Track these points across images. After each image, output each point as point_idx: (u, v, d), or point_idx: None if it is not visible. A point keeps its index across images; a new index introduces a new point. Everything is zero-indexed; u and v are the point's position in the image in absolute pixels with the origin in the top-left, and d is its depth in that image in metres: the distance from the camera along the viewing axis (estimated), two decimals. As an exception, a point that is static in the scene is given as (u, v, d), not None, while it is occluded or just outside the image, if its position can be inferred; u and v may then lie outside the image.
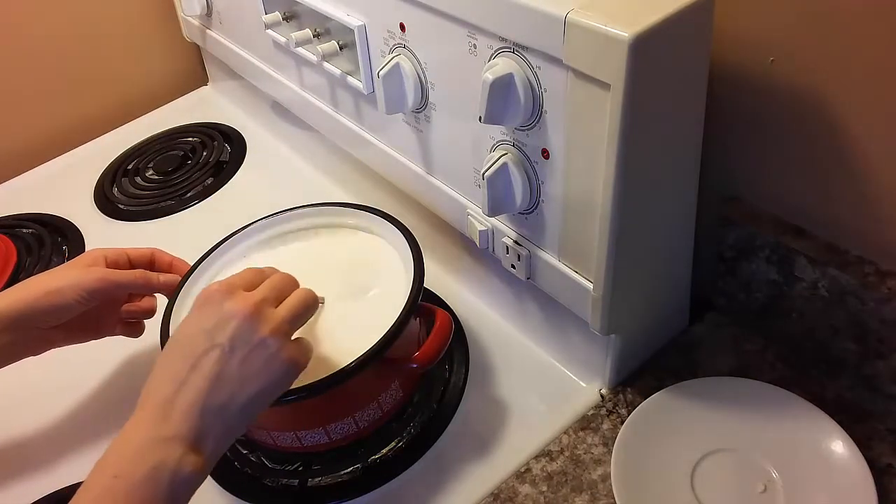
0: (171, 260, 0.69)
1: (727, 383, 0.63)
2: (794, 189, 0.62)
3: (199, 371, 0.48)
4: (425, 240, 0.67)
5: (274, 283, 0.54)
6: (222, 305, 0.50)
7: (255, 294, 0.52)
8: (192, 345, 0.49)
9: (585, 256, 0.57)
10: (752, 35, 0.58)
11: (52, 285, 0.62)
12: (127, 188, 1.02)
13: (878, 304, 0.57)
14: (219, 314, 0.50)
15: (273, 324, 0.50)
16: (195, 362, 0.48)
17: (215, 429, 0.48)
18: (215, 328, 0.49)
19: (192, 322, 0.51)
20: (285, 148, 1.03)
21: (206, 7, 0.99)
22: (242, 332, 0.49)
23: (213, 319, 0.50)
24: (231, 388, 0.49)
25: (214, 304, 0.51)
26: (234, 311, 0.50)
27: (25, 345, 0.63)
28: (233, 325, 0.49)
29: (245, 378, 0.49)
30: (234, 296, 0.51)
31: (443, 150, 0.67)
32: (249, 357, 0.49)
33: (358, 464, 0.63)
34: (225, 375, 0.48)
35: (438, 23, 0.58)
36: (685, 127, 0.55)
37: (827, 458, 0.57)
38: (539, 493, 0.60)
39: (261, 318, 0.50)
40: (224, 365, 0.49)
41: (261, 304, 0.51)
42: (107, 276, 0.63)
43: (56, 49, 1.07)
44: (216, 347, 0.49)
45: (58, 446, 0.69)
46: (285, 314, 0.52)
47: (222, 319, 0.50)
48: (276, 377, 0.50)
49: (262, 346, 0.49)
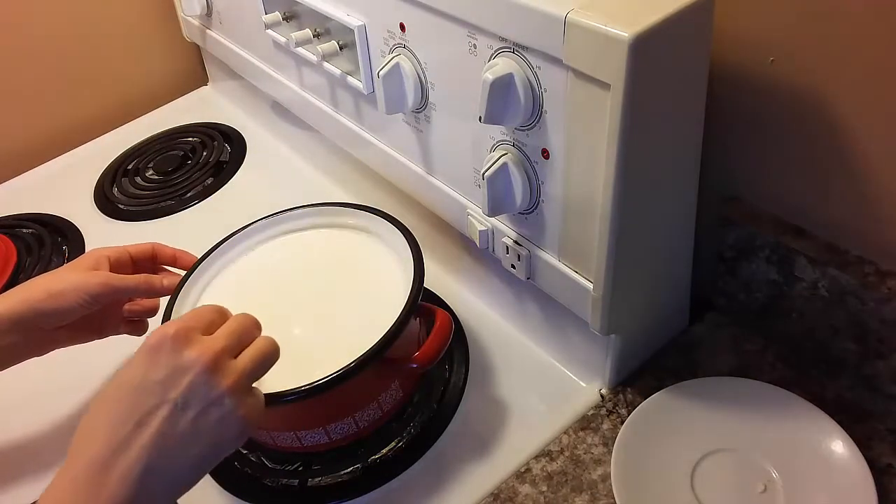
0: (174, 252, 0.69)
1: (727, 383, 0.63)
2: (794, 189, 0.62)
3: (144, 430, 0.44)
4: (425, 240, 0.67)
5: (235, 329, 0.49)
6: (178, 353, 0.46)
7: (214, 343, 0.47)
8: (138, 398, 0.45)
9: (585, 256, 0.57)
10: (752, 35, 0.58)
11: (55, 287, 0.61)
12: (127, 188, 1.02)
13: (878, 304, 0.57)
14: (173, 364, 0.45)
15: (232, 378, 0.46)
16: (140, 419, 0.44)
17: (156, 493, 0.44)
18: (168, 380, 0.45)
19: (140, 370, 0.46)
20: (285, 148, 1.03)
21: (206, 7, 0.99)
22: (198, 387, 0.45)
23: (166, 370, 0.45)
24: (178, 449, 0.45)
25: (168, 352, 0.46)
26: (191, 362, 0.45)
27: (29, 345, 0.63)
28: (188, 378, 0.45)
29: (195, 437, 0.45)
30: (192, 344, 0.46)
31: (443, 150, 0.67)
32: (203, 415, 0.45)
33: (358, 464, 0.63)
34: (173, 435, 0.44)
35: (438, 23, 0.58)
36: (685, 127, 0.55)
37: (827, 458, 0.57)
38: (539, 493, 0.60)
39: (219, 371, 0.46)
40: (174, 424, 0.44)
41: (220, 354, 0.47)
42: (110, 281, 0.62)
43: (56, 49, 1.07)
44: (167, 403, 0.44)
45: (58, 447, 0.69)
46: (246, 367, 0.48)
47: (177, 371, 0.45)
48: (228, 436, 0.47)
49: (217, 404, 0.45)
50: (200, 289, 0.66)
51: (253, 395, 0.49)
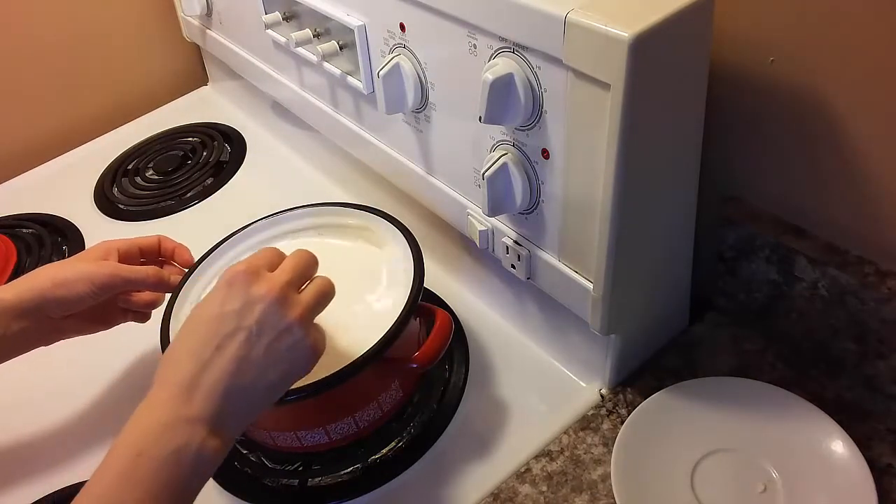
0: (174, 247, 0.70)
1: (727, 383, 0.63)
2: (794, 189, 0.62)
3: (224, 352, 0.48)
4: (425, 240, 0.67)
5: (297, 265, 0.53)
6: (249, 288, 0.49)
7: (280, 277, 0.51)
8: (217, 325, 0.49)
9: (585, 256, 0.57)
10: (752, 35, 0.58)
11: (64, 276, 0.62)
12: (127, 188, 1.02)
13: (878, 304, 0.57)
14: (245, 296, 0.49)
15: (298, 310, 0.50)
16: (220, 343, 0.48)
17: (237, 411, 0.48)
18: (242, 310, 0.49)
19: (217, 301, 0.50)
20: (285, 148, 1.03)
21: (206, 7, 0.99)
22: (269, 316, 0.49)
23: (240, 301, 0.49)
24: (255, 371, 0.48)
25: (240, 286, 0.50)
26: (262, 295, 0.49)
27: (36, 334, 0.63)
28: (260, 308, 0.49)
29: (269, 362, 0.49)
30: (260, 279, 0.50)
31: (443, 150, 0.67)
32: (275, 342, 0.49)
33: (358, 464, 0.63)
34: (250, 359, 0.48)
35: (438, 23, 0.58)
36: (685, 127, 0.55)
37: (827, 458, 0.57)
38: (539, 493, 0.60)
39: (287, 303, 0.50)
40: (250, 348, 0.48)
41: (286, 288, 0.51)
42: (118, 272, 0.63)
43: (56, 49, 1.07)
44: (242, 330, 0.48)
45: (58, 446, 0.69)
46: (309, 300, 0.52)
47: (249, 302, 0.49)
48: (299, 363, 0.51)
49: (287, 332, 0.49)
50: (201, 288, 0.66)
51: (317, 328, 0.52)
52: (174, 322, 0.62)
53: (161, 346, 0.60)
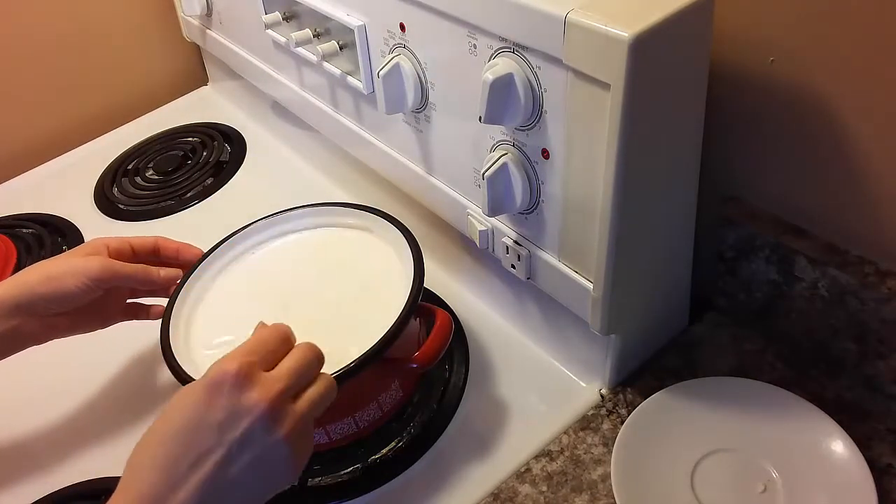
0: (178, 246, 0.68)
1: (727, 383, 0.63)
2: (794, 189, 0.62)
3: (199, 471, 0.43)
4: (425, 240, 0.67)
5: (297, 368, 0.48)
6: (238, 396, 0.45)
7: (276, 384, 0.46)
8: (195, 438, 0.44)
9: (585, 256, 0.57)
10: (752, 35, 0.58)
11: (55, 271, 0.61)
12: (127, 188, 1.02)
13: (878, 304, 0.57)
14: (232, 407, 0.44)
15: (290, 425, 0.46)
16: (196, 460, 0.43)
17: None
18: (225, 423, 0.44)
19: (199, 408, 0.45)
20: (285, 148, 1.03)
21: (206, 7, 0.99)
22: (256, 433, 0.44)
23: (224, 412, 0.44)
24: (232, 491, 0.44)
25: (228, 393, 0.45)
26: (250, 407, 0.44)
27: (29, 332, 0.62)
28: (247, 422, 0.44)
29: (249, 480, 0.45)
30: (252, 384, 0.45)
31: (443, 150, 0.67)
32: (258, 459, 0.45)
33: (358, 464, 0.63)
34: (227, 479, 0.44)
35: (438, 23, 0.58)
36: (685, 127, 0.55)
37: (827, 458, 0.57)
38: (539, 493, 0.60)
39: (279, 416, 0.45)
40: (228, 467, 0.44)
41: (280, 399, 0.46)
42: (110, 266, 0.62)
43: (56, 49, 1.07)
44: (223, 447, 0.44)
45: (58, 446, 0.69)
46: (304, 412, 0.47)
47: (235, 414, 0.44)
48: (282, 480, 0.47)
49: (274, 449, 0.45)
50: (200, 289, 0.66)
51: (306, 436, 0.48)
52: (174, 322, 0.62)
53: (161, 346, 0.60)
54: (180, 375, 0.57)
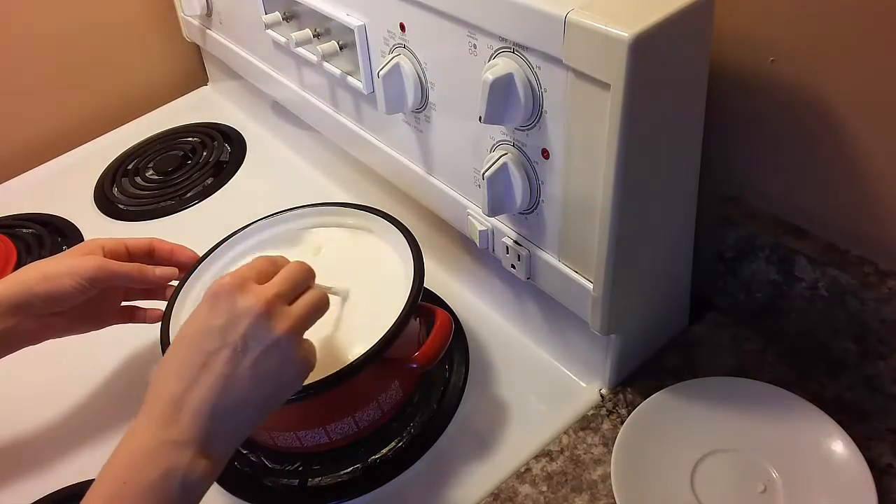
0: (172, 247, 0.69)
1: (727, 383, 0.63)
2: (794, 189, 0.62)
3: (209, 370, 0.46)
4: (425, 240, 0.67)
5: (288, 276, 0.52)
6: (234, 301, 0.48)
7: (268, 289, 0.49)
8: (202, 342, 0.47)
9: (585, 256, 0.57)
10: (752, 35, 0.58)
11: (50, 271, 0.62)
12: (127, 188, 1.02)
13: (878, 304, 0.57)
14: (231, 311, 0.48)
15: (287, 323, 0.49)
16: (206, 361, 0.47)
17: (226, 431, 0.47)
18: (227, 325, 0.47)
19: (202, 318, 0.49)
20: (285, 148, 1.03)
21: (206, 7, 0.99)
22: (256, 330, 0.47)
23: (225, 316, 0.48)
24: (243, 389, 0.47)
25: (226, 300, 0.48)
26: (247, 309, 0.48)
27: (24, 332, 0.63)
28: (245, 323, 0.47)
29: (257, 379, 0.47)
30: (247, 291, 0.49)
31: (443, 150, 0.67)
32: (262, 357, 0.47)
33: (358, 464, 0.63)
34: (237, 376, 0.47)
35: (438, 23, 0.58)
36: (685, 127, 0.55)
37: (827, 458, 0.57)
38: (539, 493, 0.60)
39: (275, 316, 0.48)
40: (236, 365, 0.47)
41: (274, 300, 0.49)
42: (104, 266, 0.63)
43: (56, 49, 1.07)
44: (228, 346, 0.47)
45: (58, 446, 0.69)
46: (300, 312, 0.50)
47: (234, 316, 0.47)
48: (289, 378, 0.49)
49: (275, 346, 0.48)
50: (201, 289, 0.66)
51: (307, 342, 0.51)
52: (174, 322, 0.62)
53: (161, 346, 0.60)
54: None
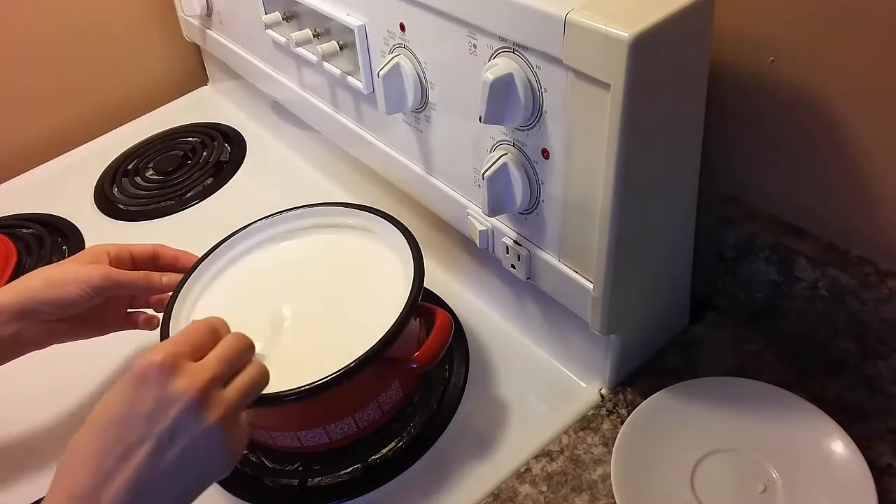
0: (176, 254, 0.69)
1: (727, 383, 0.63)
2: (794, 189, 0.62)
3: (129, 463, 0.43)
4: (425, 240, 0.67)
5: (226, 354, 0.48)
6: (164, 385, 0.44)
7: (203, 372, 0.46)
8: (122, 431, 0.43)
9: (585, 256, 0.57)
10: (752, 35, 0.58)
11: (57, 278, 0.62)
12: (127, 188, 1.02)
13: (878, 304, 0.57)
14: (159, 397, 0.44)
15: (220, 411, 0.45)
16: (125, 451, 0.43)
17: None
18: (153, 413, 0.44)
19: (125, 401, 0.44)
20: (285, 148, 1.03)
21: (206, 7, 0.99)
22: (185, 421, 0.44)
23: (152, 402, 0.44)
24: (165, 482, 0.44)
25: (154, 383, 0.44)
26: (177, 396, 0.44)
27: (30, 337, 0.63)
28: (174, 412, 0.44)
29: (182, 471, 0.44)
30: (179, 374, 0.45)
31: (443, 150, 0.67)
32: (189, 448, 0.44)
33: (358, 464, 0.63)
34: (159, 470, 0.43)
35: (438, 23, 0.58)
36: (685, 127, 0.55)
37: (827, 458, 0.57)
38: (539, 493, 0.60)
39: (207, 403, 0.45)
40: (159, 458, 0.43)
41: (209, 385, 0.45)
42: (110, 275, 0.63)
43: (56, 49, 1.07)
44: (152, 437, 0.43)
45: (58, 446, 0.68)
46: (234, 398, 0.47)
47: (163, 403, 0.44)
48: (215, 469, 0.46)
49: (204, 437, 0.45)
50: (200, 289, 0.66)
51: (240, 426, 0.48)
52: (174, 322, 0.62)
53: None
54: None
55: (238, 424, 0.48)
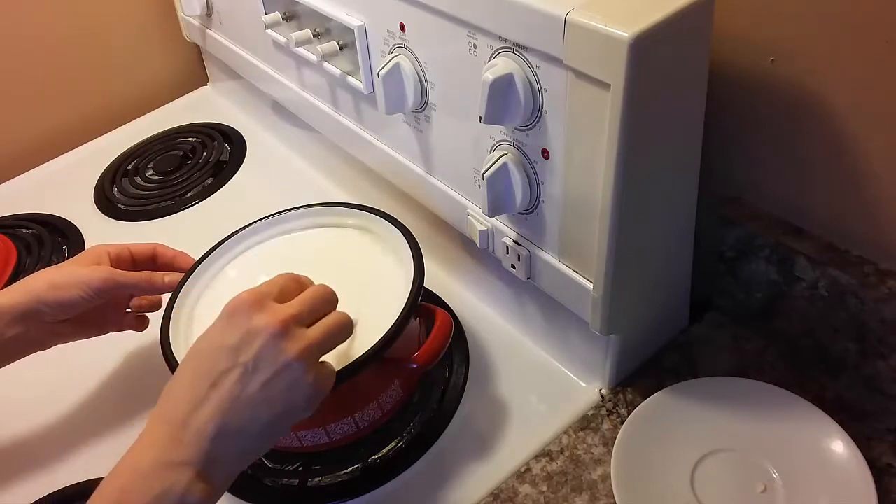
0: (175, 254, 0.69)
1: (727, 383, 0.63)
2: (794, 189, 0.62)
3: (218, 390, 0.46)
4: (425, 240, 0.67)
5: (309, 298, 0.51)
6: (250, 319, 0.47)
7: (286, 309, 0.48)
8: (213, 360, 0.47)
9: (585, 256, 0.57)
10: (752, 35, 0.58)
11: (58, 280, 0.62)
12: (127, 188, 1.02)
13: (878, 304, 0.57)
14: (245, 329, 0.47)
15: (301, 345, 0.47)
16: (215, 380, 0.46)
17: (228, 454, 0.46)
18: (240, 344, 0.46)
19: (217, 334, 0.48)
20: (285, 148, 1.03)
21: (206, 7, 0.99)
22: (268, 351, 0.46)
23: (239, 334, 0.47)
24: (250, 411, 0.46)
25: (242, 317, 0.47)
26: (261, 328, 0.47)
27: (32, 339, 0.63)
28: (258, 342, 0.46)
29: (266, 401, 0.46)
30: (264, 309, 0.48)
31: (443, 150, 0.67)
32: (273, 379, 0.46)
33: (358, 464, 0.63)
34: (245, 397, 0.46)
35: (438, 23, 0.58)
36: (685, 127, 0.55)
37: (827, 458, 0.57)
38: (539, 493, 0.60)
39: (289, 337, 0.47)
40: (245, 386, 0.46)
41: (290, 321, 0.48)
42: (112, 277, 0.63)
43: (56, 49, 1.07)
44: (238, 366, 0.46)
45: (58, 446, 0.69)
46: (316, 336, 0.49)
47: (248, 335, 0.47)
48: (297, 403, 0.48)
49: (286, 369, 0.47)
50: (201, 289, 0.66)
51: (322, 365, 0.50)
52: (174, 322, 0.62)
53: (161, 345, 0.60)
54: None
55: (321, 365, 0.50)
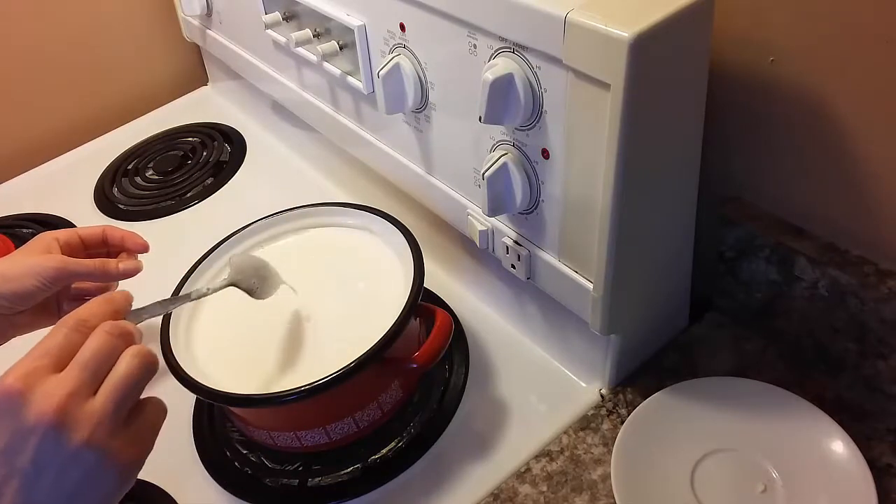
0: (123, 235, 0.66)
1: (727, 383, 0.63)
2: (794, 189, 0.62)
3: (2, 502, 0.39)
4: (425, 240, 0.67)
5: (90, 356, 0.42)
6: (18, 414, 0.39)
7: (60, 386, 0.40)
8: None
9: (585, 256, 0.57)
10: (752, 35, 0.58)
11: (11, 272, 0.60)
12: (127, 188, 1.02)
13: (878, 304, 0.57)
14: (12, 428, 0.39)
15: (87, 428, 0.40)
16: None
17: None
18: (12, 448, 0.39)
19: None
20: (285, 148, 1.03)
21: (206, 7, 0.99)
22: (47, 449, 0.39)
23: (8, 435, 0.39)
24: None
25: (8, 413, 0.40)
26: (33, 424, 0.39)
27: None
28: (33, 442, 0.39)
29: (68, 499, 0.40)
30: (32, 396, 0.40)
31: (443, 150, 0.67)
32: (61, 478, 0.40)
33: (358, 464, 0.63)
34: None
35: (438, 23, 0.58)
36: (685, 127, 0.55)
37: (827, 458, 0.57)
38: (539, 493, 0.60)
39: (69, 424, 0.40)
40: (30, 494, 0.39)
41: (67, 403, 0.40)
42: (65, 266, 0.60)
43: (56, 49, 1.07)
44: (16, 473, 0.39)
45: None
46: (104, 406, 0.41)
47: (20, 434, 0.39)
48: (106, 489, 0.41)
49: (74, 463, 0.40)
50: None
51: (127, 431, 0.42)
52: (174, 322, 0.62)
53: (161, 346, 0.60)
54: (181, 375, 0.57)
55: (123, 432, 0.42)
